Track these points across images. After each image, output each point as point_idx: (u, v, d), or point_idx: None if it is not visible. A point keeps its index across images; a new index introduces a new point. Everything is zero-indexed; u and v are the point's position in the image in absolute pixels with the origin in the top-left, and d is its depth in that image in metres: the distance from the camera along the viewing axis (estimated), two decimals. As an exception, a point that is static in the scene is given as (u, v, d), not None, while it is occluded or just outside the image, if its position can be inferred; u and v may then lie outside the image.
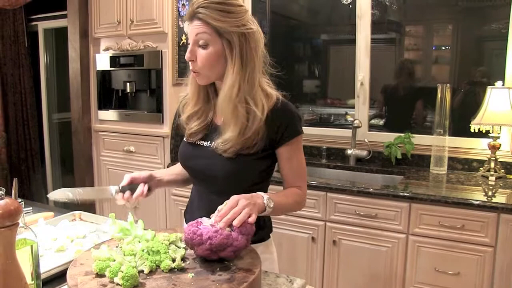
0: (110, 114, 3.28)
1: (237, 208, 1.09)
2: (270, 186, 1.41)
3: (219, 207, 1.11)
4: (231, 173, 1.27)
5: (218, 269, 1.01)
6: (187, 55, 1.25)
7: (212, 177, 1.30)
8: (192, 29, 1.23)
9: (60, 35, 3.96)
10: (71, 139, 3.48)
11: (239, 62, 1.22)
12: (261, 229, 1.39)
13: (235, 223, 1.06)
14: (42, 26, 4.19)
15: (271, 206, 1.19)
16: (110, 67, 3.20)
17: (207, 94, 1.35)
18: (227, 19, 1.20)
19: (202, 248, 1.03)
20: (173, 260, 1.03)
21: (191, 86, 1.35)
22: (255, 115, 1.24)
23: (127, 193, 1.31)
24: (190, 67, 1.27)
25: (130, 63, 3.10)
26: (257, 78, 1.27)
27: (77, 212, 1.66)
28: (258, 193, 1.20)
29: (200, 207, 1.37)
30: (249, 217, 1.09)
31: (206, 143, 1.33)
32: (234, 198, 1.12)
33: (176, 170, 1.51)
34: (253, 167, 1.30)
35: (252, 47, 1.23)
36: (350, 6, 3.03)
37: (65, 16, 3.41)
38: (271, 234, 1.45)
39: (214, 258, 1.04)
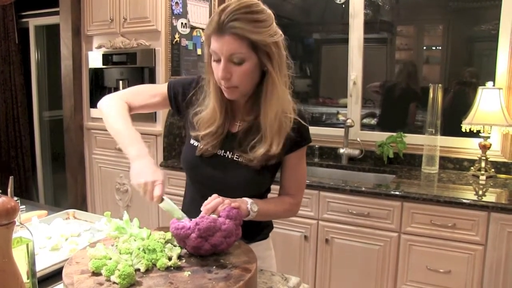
0: (102, 112, 3.26)
1: (220, 199, 1.12)
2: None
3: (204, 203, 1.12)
4: (254, 184, 1.26)
5: (214, 267, 1.02)
6: (222, 75, 1.13)
7: (225, 187, 1.25)
8: (222, 44, 1.10)
9: (52, 32, 3.92)
10: (62, 137, 3.45)
11: (278, 72, 1.16)
12: (264, 228, 1.42)
13: (219, 208, 1.09)
14: (33, 22, 4.15)
15: (255, 210, 1.19)
16: (103, 65, 3.17)
17: (227, 107, 1.26)
18: (261, 30, 1.11)
19: (192, 238, 1.03)
20: (169, 259, 1.03)
21: (215, 101, 1.23)
22: (286, 127, 1.21)
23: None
24: (224, 84, 1.16)
25: (123, 61, 3.08)
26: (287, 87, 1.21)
27: (70, 211, 1.65)
28: (243, 198, 1.20)
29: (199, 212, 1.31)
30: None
31: (221, 152, 1.27)
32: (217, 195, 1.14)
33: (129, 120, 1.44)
34: (269, 178, 1.31)
35: (283, 54, 1.17)
36: (343, 5, 3.05)
37: (57, 13, 3.38)
38: (270, 233, 1.47)
39: (207, 248, 1.04)
